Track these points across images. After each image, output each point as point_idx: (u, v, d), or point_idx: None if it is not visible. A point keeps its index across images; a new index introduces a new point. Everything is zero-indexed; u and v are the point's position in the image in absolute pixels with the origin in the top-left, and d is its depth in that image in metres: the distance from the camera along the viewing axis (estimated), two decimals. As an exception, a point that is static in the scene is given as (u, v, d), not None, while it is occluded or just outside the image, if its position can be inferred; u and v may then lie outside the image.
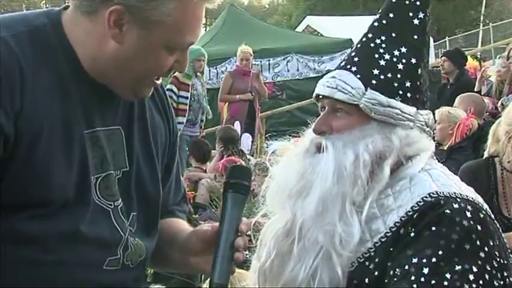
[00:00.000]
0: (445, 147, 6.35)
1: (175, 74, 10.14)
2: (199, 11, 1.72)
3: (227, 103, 10.63)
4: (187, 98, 9.76)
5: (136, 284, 1.88)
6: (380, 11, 2.12)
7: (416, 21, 2.08)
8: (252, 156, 8.29)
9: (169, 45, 1.71)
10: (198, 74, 9.96)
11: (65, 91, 1.69)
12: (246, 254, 1.94)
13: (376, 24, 2.09)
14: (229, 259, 1.79)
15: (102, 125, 1.77)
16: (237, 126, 9.82)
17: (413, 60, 2.05)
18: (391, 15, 2.08)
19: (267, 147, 2.43)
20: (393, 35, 2.05)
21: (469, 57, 10.83)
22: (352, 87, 2.00)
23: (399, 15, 2.07)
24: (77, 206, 1.70)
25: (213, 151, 8.91)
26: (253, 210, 2.17)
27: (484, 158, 3.85)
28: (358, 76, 2.02)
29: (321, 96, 2.06)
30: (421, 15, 2.08)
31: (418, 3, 2.09)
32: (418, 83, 2.06)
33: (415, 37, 2.07)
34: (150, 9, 1.65)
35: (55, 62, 1.69)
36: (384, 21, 2.07)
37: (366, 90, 2.00)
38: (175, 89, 9.70)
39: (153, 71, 1.76)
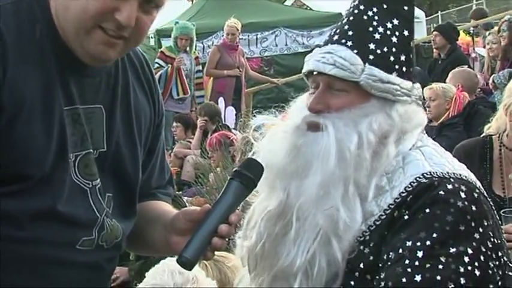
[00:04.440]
0: (436, 124, 6.34)
1: (161, 49, 10.07)
2: None
3: (211, 78, 10.43)
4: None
5: (110, 264, 1.87)
6: None
7: None
8: (238, 131, 8.15)
9: None
10: (187, 49, 9.79)
11: (46, 66, 1.68)
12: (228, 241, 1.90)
13: None
14: (206, 240, 1.76)
15: (82, 103, 1.75)
16: (221, 102, 9.71)
17: (406, 33, 2.01)
18: None
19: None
20: (384, 6, 2.00)
21: (461, 32, 10.67)
22: (350, 63, 1.94)
23: None
24: (54, 183, 1.68)
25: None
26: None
27: (481, 136, 3.80)
28: (355, 51, 1.96)
29: (315, 73, 1.98)
30: None
31: None
32: (411, 55, 2.03)
33: (405, 8, 2.03)
34: None
35: (37, 36, 1.67)
36: None
37: (364, 66, 1.94)
38: (162, 63, 9.60)
39: (91, 12, 1.65)
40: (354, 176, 1.89)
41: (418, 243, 1.79)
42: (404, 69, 2.00)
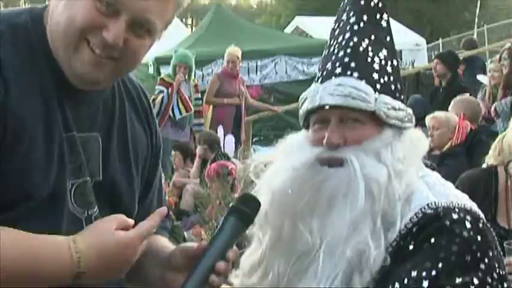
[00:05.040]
0: (438, 153, 6.24)
1: (161, 76, 10.06)
2: None
3: (211, 106, 10.39)
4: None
5: None
6: (351, 11, 2.07)
7: (384, 23, 2.07)
8: (237, 159, 8.09)
9: None
10: (186, 77, 9.76)
11: (44, 91, 1.68)
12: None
13: (356, 27, 2.03)
14: (204, 278, 1.73)
15: (79, 130, 1.75)
16: (220, 130, 9.63)
17: (395, 62, 2.05)
18: (365, 17, 2.04)
19: (254, 152, 2.33)
20: (372, 37, 2.03)
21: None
22: (366, 94, 1.94)
23: (370, 17, 2.05)
24: (52, 210, 1.68)
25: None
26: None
27: (486, 167, 3.79)
28: (364, 81, 1.95)
29: (327, 107, 1.96)
30: (385, 16, 2.08)
31: (380, 4, 2.07)
32: (403, 84, 2.08)
33: (388, 39, 2.06)
34: None
35: (35, 61, 1.68)
36: (362, 24, 2.03)
37: (375, 94, 1.95)
38: (162, 88, 9.58)
39: (78, 22, 1.64)
40: (382, 209, 1.87)
41: (424, 273, 1.77)
42: (402, 96, 2.03)
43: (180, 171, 8.67)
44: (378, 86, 1.97)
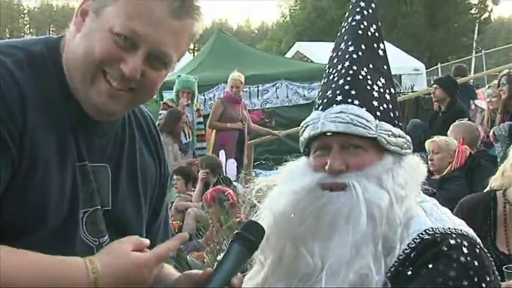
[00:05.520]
0: (437, 177, 6.28)
1: (164, 101, 10.03)
2: (151, 2, 1.67)
3: (214, 130, 10.44)
4: None
5: None
6: (349, 41, 2.09)
7: (381, 52, 2.10)
8: (239, 183, 8.12)
9: (113, 27, 1.66)
10: (189, 102, 9.81)
11: (58, 120, 1.70)
12: None
13: (354, 56, 2.05)
14: None
15: (90, 160, 1.77)
16: (222, 154, 9.62)
17: (392, 90, 2.08)
18: (363, 46, 2.06)
19: (255, 175, 2.31)
20: (371, 66, 2.05)
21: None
22: (367, 121, 1.96)
23: (368, 47, 2.08)
24: (65, 238, 1.70)
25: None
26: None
27: (485, 191, 3.77)
28: (365, 109, 1.98)
29: (329, 134, 1.99)
30: (382, 46, 2.11)
31: (377, 34, 2.10)
32: (400, 112, 2.10)
33: (385, 67, 2.10)
34: None
35: (52, 91, 1.71)
36: (360, 53, 2.05)
37: (376, 121, 1.98)
38: (165, 112, 9.54)
39: (96, 53, 1.68)
40: (384, 234, 1.89)
41: None
42: (400, 124, 2.05)
43: (181, 196, 8.70)
44: (378, 113, 1.99)
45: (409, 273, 1.84)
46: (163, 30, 1.67)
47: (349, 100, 1.99)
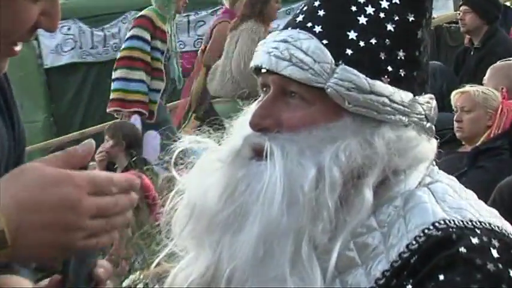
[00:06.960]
0: (468, 149, 5.04)
1: (145, 14, 7.47)
2: None
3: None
4: (163, 53, 7.09)
5: None
6: None
7: None
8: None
9: None
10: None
11: None
12: None
13: None
14: None
15: None
16: (136, 121, 7.06)
17: (411, 17, 1.61)
18: None
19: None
20: None
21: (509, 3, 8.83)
22: (315, 60, 1.54)
23: None
24: None
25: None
26: (155, 249, 1.92)
27: None
28: (325, 41, 1.55)
29: (263, 70, 1.60)
30: None
31: None
32: (417, 52, 1.61)
33: None
34: None
35: None
36: None
37: (336, 65, 1.54)
38: (147, 37, 6.95)
39: (12, 28, 1.47)
40: (310, 229, 1.51)
41: None
42: (402, 72, 1.58)
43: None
44: (349, 52, 1.56)
45: (409, 287, 1.47)
46: None
47: (309, 24, 1.57)
